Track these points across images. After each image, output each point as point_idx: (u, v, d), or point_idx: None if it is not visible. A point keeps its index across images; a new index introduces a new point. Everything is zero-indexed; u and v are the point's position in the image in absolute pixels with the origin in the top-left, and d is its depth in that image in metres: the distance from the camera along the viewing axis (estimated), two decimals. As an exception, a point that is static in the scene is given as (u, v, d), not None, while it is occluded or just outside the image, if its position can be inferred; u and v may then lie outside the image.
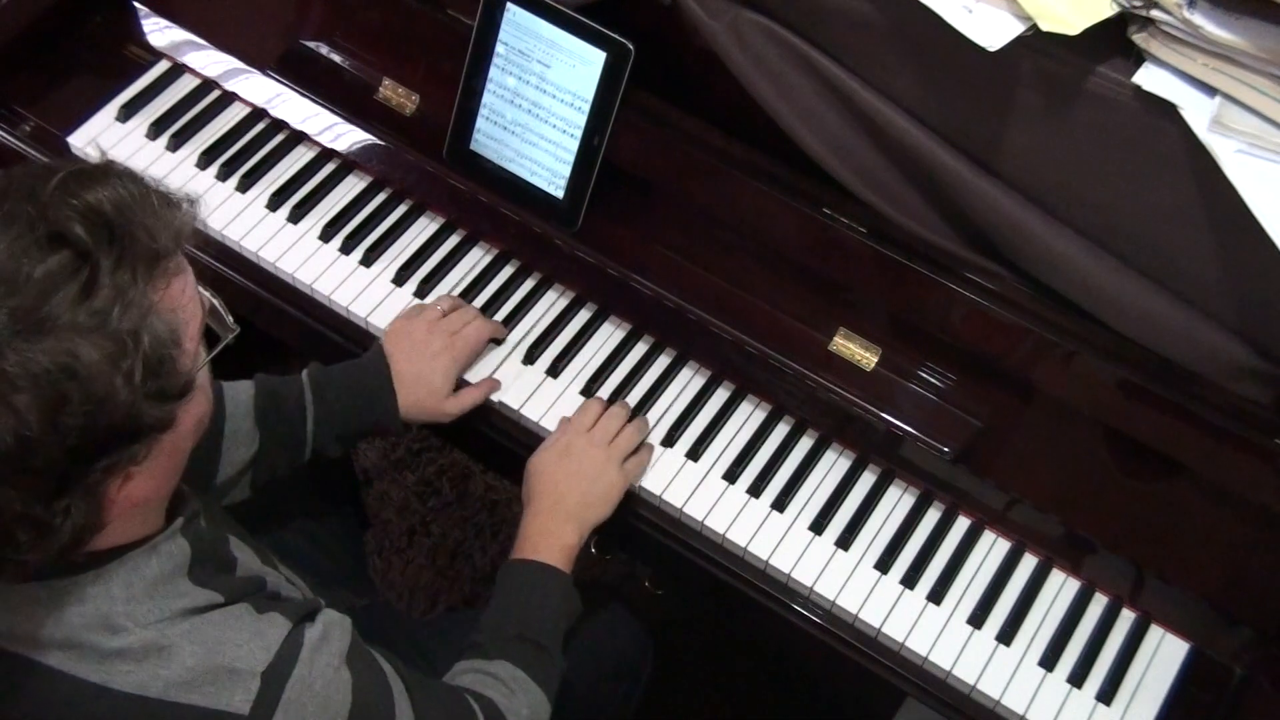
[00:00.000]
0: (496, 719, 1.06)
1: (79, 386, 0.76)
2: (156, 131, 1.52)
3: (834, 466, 1.34)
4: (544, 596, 1.17)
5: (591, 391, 1.37)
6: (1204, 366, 1.17)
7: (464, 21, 1.38)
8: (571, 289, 1.44)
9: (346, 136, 1.50)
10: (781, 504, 1.30)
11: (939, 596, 1.26)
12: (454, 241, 1.47)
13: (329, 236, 1.46)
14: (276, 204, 1.48)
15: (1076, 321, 1.21)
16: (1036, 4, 1.07)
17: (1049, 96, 1.12)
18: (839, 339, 1.31)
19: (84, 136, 1.51)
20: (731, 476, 1.32)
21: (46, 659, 0.86)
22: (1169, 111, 1.06)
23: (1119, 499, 1.24)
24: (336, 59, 1.51)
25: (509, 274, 1.45)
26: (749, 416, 1.36)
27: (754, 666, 1.97)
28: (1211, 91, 1.05)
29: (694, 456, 1.33)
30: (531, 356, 1.38)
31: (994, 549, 1.29)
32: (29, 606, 0.86)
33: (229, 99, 1.55)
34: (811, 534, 1.29)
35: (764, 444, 1.34)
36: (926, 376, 1.30)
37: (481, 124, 1.41)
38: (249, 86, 1.54)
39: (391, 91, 1.47)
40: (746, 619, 1.32)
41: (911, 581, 1.26)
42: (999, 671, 1.22)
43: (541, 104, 1.37)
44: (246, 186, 1.49)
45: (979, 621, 1.24)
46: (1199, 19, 1.04)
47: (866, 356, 1.31)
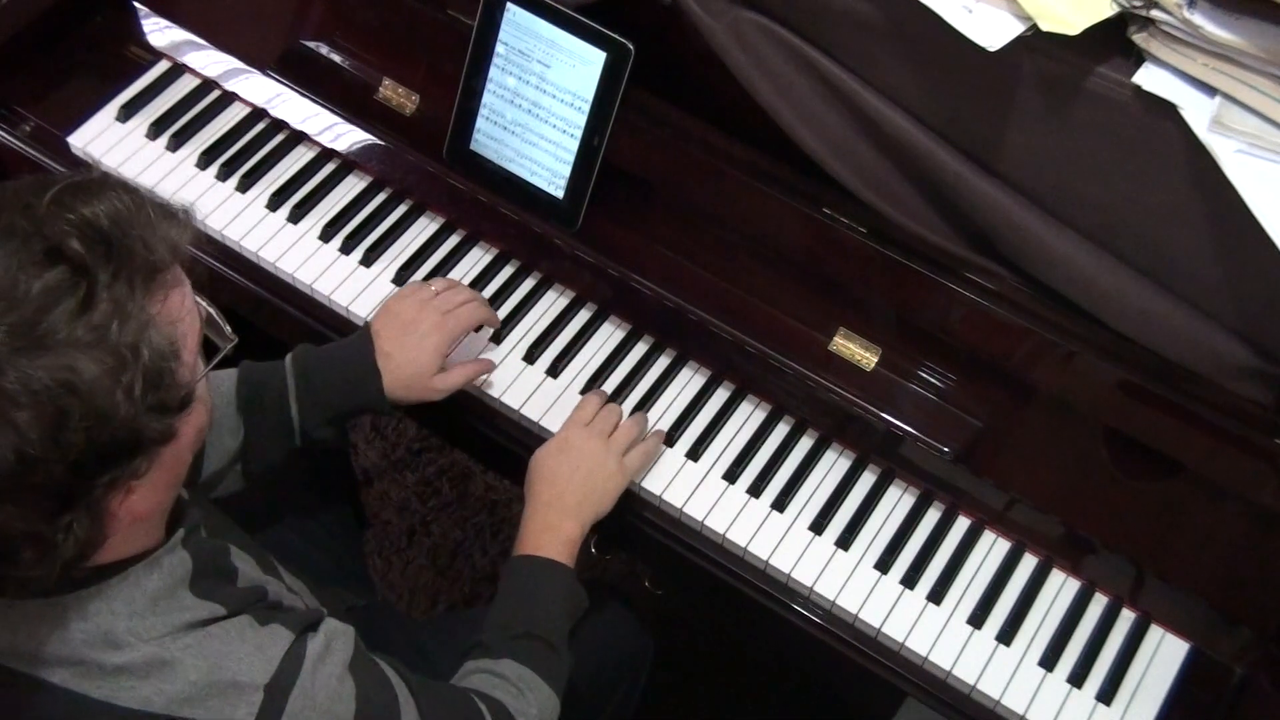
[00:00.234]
0: None
1: (80, 402, 0.75)
2: (156, 131, 1.52)
3: (834, 466, 1.34)
4: (547, 592, 1.17)
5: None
6: (1204, 366, 1.17)
7: (464, 21, 1.38)
8: (571, 289, 1.44)
9: (346, 136, 1.50)
10: (781, 504, 1.30)
11: (939, 596, 1.26)
12: (454, 241, 1.47)
13: (329, 236, 1.46)
14: (276, 204, 1.48)
15: (1076, 321, 1.21)
16: (1036, 4, 1.07)
17: (1049, 96, 1.12)
18: (839, 339, 1.31)
19: (84, 136, 1.51)
20: (731, 476, 1.32)
21: (50, 676, 0.86)
22: (1169, 111, 1.06)
23: (1119, 499, 1.24)
24: (336, 59, 1.51)
25: (509, 274, 1.45)
26: (749, 416, 1.36)
27: (754, 666, 1.97)
28: (1211, 91, 1.05)
29: (694, 456, 1.33)
30: (531, 356, 1.39)
31: (994, 549, 1.29)
32: (31, 623, 0.85)
33: (229, 99, 1.55)
34: (811, 534, 1.29)
35: (764, 444, 1.34)
36: (926, 376, 1.30)
37: (481, 124, 1.41)
38: (249, 86, 1.54)
39: (391, 91, 1.47)
40: (746, 619, 1.32)
41: (911, 581, 1.26)
42: (999, 671, 1.22)
43: (541, 104, 1.37)
44: (246, 186, 1.49)
45: (979, 621, 1.24)
46: (1199, 19, 1.04)
47: (866, 356, 1.31)
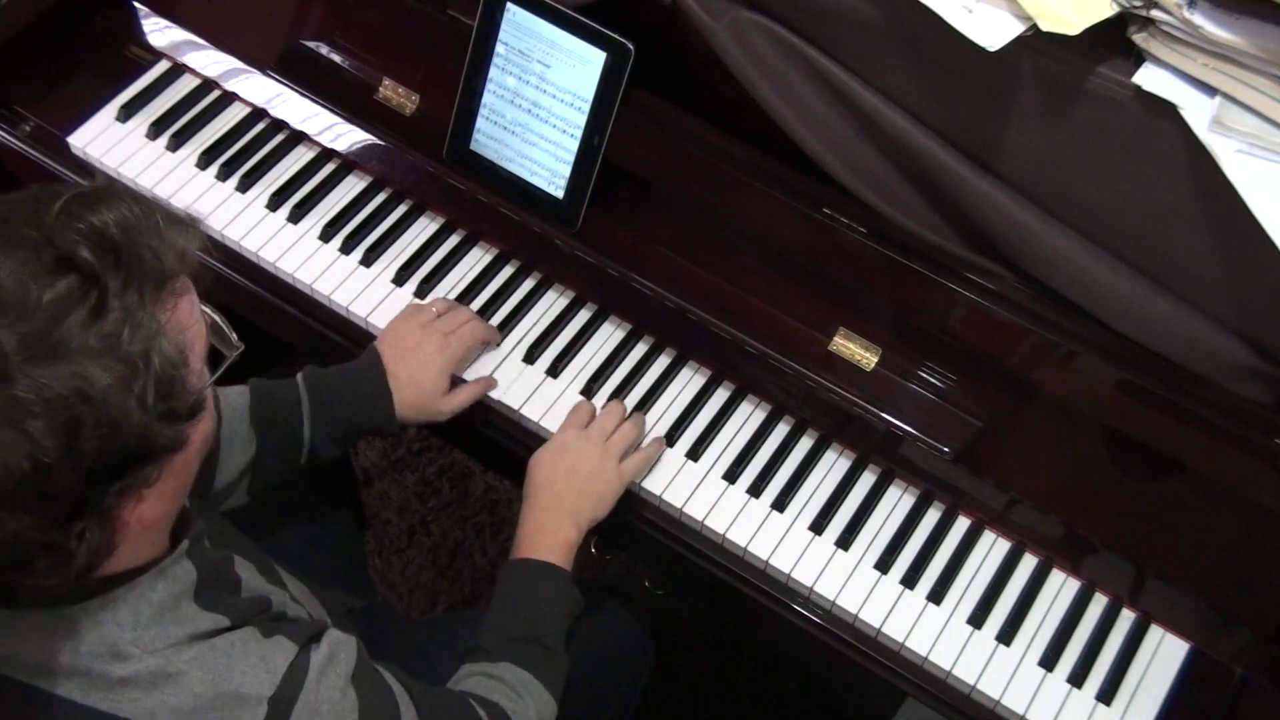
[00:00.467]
0: None
1: (92, 410, 0.75)
2: (157, 131, 1.52)
3: (834, 466, 1.34)
4: (545, 595, 1.17)
5: (592, 391, 1.37)
6: (1204, 366, 1.17)
7: (464, 21, 1.38)
8: (571, 289, 1.44)
9: (346, 136, 1.50)
10: (781, 504, 1.30)
11: (939, 596, 1.26)
12: (454, 241, 1.47)
13: (329, 236, 1.46)
14: (276, 204, 1.48)
15: (1076, 321, 1.21)
16: (1036, 4, 1.07)
17: (1049, 96, 1.12)
18: (839, 339, 1.31)
19: (84, 136, 1.51)
20: (731, 476, 1.32)
21: (55, 688, 0.86)
22: (1169, 111, 1.06)
23: (1119, 499, 1.24)
24: (336, 59, 1.51)
25: (509, 274, 1.45)
26: (749, 416, 1.36)
27: (754, 666, 1.97)
28: (1211, 91, 1.05)
29: (694, 456, 1.33)
30: (531, 356, 1.39)
31: (994, 549, 1.29)
32: (36, 634, 0.85)
33: (229, 99, 1.55)
34: (811, 534, 1.29)
35: (764, 444, 1.34)
36: (926, 376, 1.30)
37: (481, 124, 1.41)
38: (249, 86, 1.54)
39: (391, 91, 1.47)
40: (746, 619, 1.32)
41: (911, 581, 1.26)
42: (999, 671, 1.22)
43: (541, 104, 1.37)
44: (246, 186, 1.49)
45: (979, 621, 1.24)
46: (1199, 19, 1.04)
47: (866, 356, 1.31)
